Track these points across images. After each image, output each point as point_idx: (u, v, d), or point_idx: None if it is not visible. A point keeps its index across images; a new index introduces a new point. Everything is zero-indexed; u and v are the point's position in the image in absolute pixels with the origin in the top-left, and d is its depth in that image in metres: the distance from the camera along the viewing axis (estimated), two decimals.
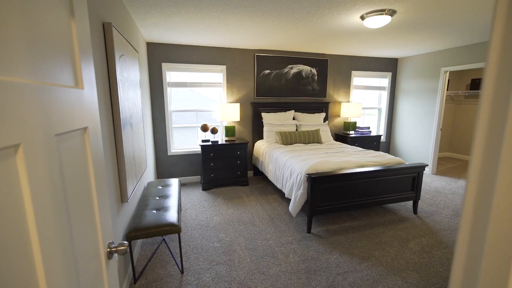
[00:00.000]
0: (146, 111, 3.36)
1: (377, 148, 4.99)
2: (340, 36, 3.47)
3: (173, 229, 1.93)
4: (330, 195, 2.67)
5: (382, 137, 5.49)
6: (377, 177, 2.80)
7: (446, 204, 3.42)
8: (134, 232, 1.85)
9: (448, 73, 4.46)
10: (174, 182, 2.91)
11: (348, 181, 2.69)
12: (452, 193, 3.84)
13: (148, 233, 1.88)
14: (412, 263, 2.18)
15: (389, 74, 5.32)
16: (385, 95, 5.45)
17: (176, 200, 2.43)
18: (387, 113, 5.48)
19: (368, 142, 4.89)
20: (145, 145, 2.95)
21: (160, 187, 2.75)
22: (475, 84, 5.56)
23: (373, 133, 5.07)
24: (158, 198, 2.45)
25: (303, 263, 2.17)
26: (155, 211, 2.16)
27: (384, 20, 2.57)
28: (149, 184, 2.88)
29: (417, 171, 2.97)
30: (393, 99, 5.48)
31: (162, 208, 2.21)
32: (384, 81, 5.41)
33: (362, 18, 2.66)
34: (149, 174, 3.37)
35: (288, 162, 3.13)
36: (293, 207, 2.72)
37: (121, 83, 1.85)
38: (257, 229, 2.75)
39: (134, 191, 2.27)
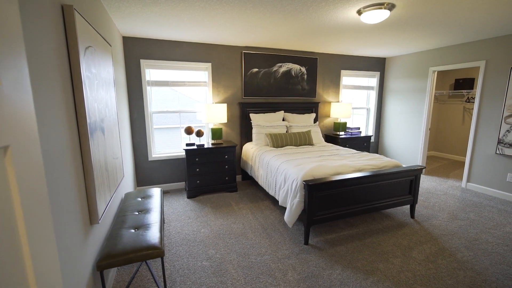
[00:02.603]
0: (122, 113, 3.01)
1: (367, 149, 4.90)
2: (333, 33, 3.29)
3: (155, 252, 1.64)
4: (328, 203, 2.47)
5: (371, 138, 5.43)
6: (376, 182, 2.64)
7: (441, 206, 3.35)
8: (107, 260, 1.54)
9: (436, 73, 4.44)
10: (156, 193, 2.59)
11: (348, 187, 2.51)
12: (444, 194, 3.79)
13: (125, 259, 1.58)
14: (419, 275, 2.02)
15: (377, 73, 5.25)
16: (373, 95, 5.39)
17: (158, 214, 2.13)
18: (375, 113, 5.42)
19: (359, 143, 4.79)
20: (122, 151, 2.62)
21: (140, 199, 2.43)
22: (459, 84, 5.63)
23: (362, 134, 4.98)
24: (137, 213, 2.13)
25: (304, 281, 1.95)
26: (133, 230, 1.85)
27: (382, 15, 2.41)
28: (127, 195, 2.55)
29: (414, 174, 2.86)
30: (381, 99, 5.43)
31: (142, 226, 1.91)
32: (372, 80, 5.34)
33: (359, 12, 2.49)
34: (127, 183, 3.01)
35: (281, 167, 2.91)
36: (289, 217, 2.50)
37: (88, 80, 1.53)
38: (250, 242, 2.51)
39: (108, 207, 1.95)
